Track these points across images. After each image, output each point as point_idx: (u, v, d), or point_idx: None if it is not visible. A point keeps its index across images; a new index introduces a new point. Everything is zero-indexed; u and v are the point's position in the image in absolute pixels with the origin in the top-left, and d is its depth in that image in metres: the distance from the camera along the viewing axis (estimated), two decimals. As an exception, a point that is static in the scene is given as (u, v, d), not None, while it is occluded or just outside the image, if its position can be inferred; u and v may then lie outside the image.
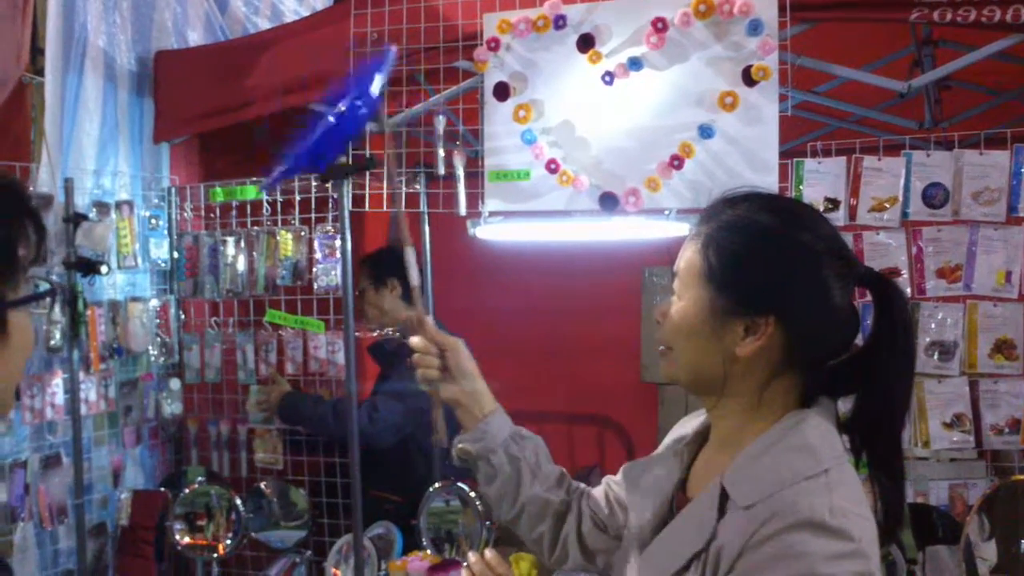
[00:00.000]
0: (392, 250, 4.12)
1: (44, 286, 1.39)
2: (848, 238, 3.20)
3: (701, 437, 1.72)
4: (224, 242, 4.20)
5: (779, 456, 1.49)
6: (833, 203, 3.23)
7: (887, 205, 3.20)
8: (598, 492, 1.96)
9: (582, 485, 2.00)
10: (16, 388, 3.50)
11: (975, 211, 3.12)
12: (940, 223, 3.18)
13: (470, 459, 1.92)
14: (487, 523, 3.55)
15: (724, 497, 1.51)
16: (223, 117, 4.23)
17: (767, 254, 1.54)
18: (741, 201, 1.60)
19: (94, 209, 3.94)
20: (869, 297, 1.61)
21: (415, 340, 1.95)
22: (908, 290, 3.20)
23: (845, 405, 1.60)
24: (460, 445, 1.93)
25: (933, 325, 3.18)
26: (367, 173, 3.71)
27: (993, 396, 3.16)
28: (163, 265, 4.35)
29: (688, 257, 1.61)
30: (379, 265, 4.15)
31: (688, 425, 1.79)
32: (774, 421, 1.55)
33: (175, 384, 4.35)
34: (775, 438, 1.52)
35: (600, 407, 5.54)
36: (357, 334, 3.68)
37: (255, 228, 4.16)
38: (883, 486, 1.54)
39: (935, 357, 3.17)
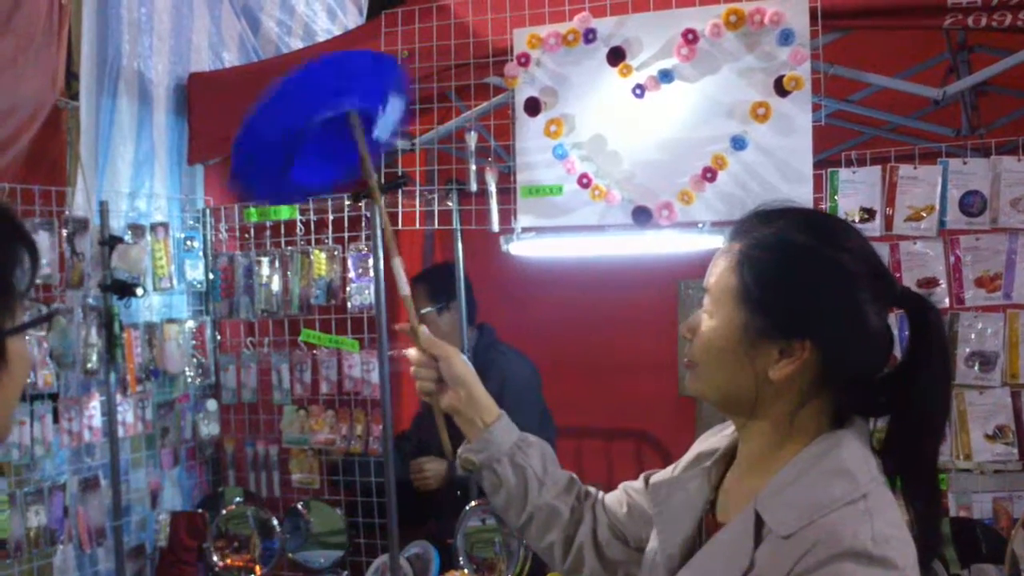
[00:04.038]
0: (446, 268, 4.12)
1: (43, 310, 1.38)
2: (884, 248, 3.16)
3: (729, 456, 1.68)
4: (259, 262, 4.20)
5: (816, 481, 1.46)
6: (869, 213, 3.19)
7: (924, 214, 3.15)
8: (615, 498, 1.93)
9: (593, 490, 1.97)
10: (54, 409, 3.52)
11: (1014, 219, 3.07)
12: (978, 231, 3.12)
13: (474, 469, 1.91)
14: (523, 542, 3.52)
15: (759, 524, 1.47)
16: (256, 138, 4.24)
17: (806, 277, 1.50)
18: (777, 217, 1.56)
19: (129, 231, 3.96)
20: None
21: (411, 353, 1.96)
22: (947, 300, 3.14)
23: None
24: (464, 455, 1.91)
25: (973, 335, 3.12)
26: (399, 191, 3.70)
27: (1037, 407, 3.11)
28: (199, 286, 4.36)
29: (721, 274, 1.57)
30: (439, 286, 4.16)
31: (712, 440, 1.76)
32: (806, 443, 1.51)
33: (212, 405, 4.35)
34: (810, 462, 1.48)
35: (638, 422, 5.51)
36: (391, 353, 3.68)
37: (289, 248, 4.16)
38: (918, 512, 1.50)
39: (975, 368, 3.11)
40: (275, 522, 4.02)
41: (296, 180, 2.09)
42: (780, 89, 3.16)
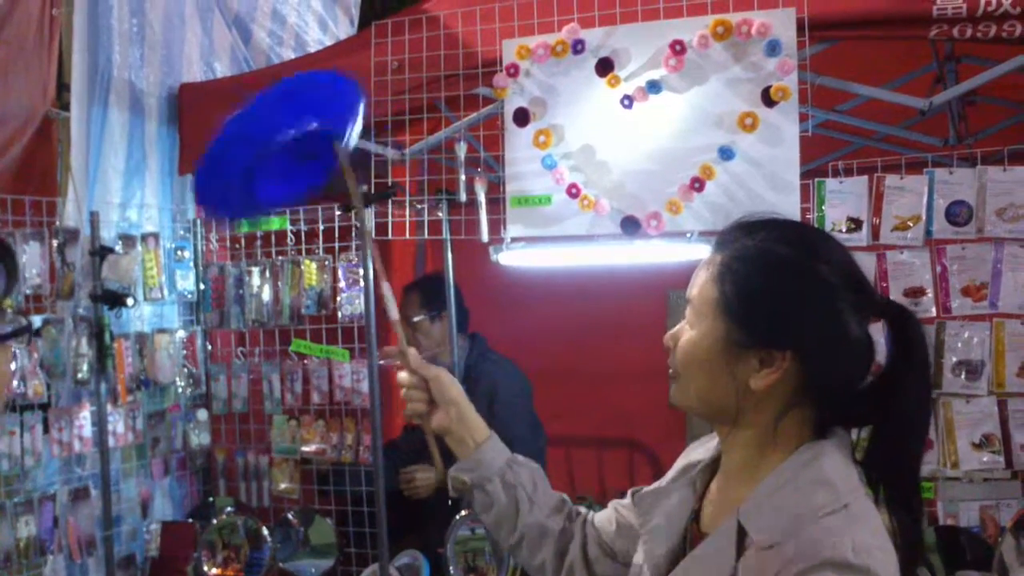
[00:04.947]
0: (439, 278, 4.14)
1: (22, 322, 1.38)
2: (871, 258, 3.17)
3: (714, 466, 1.69)
4: (249, 272, 4.21)
5: (797, 491, 1.46)
6: (856, 223, 3.20)
7: (910, 224, 3.16)
8: (605, 516, 1.94)
9: (583, 509, 1.98)
10: (45, 419, 3.52)
11: (1000, 228, 3.08)
12: (964, 241, 3.14)
13: (465, 489, 1.92)
14: (514, 552, 3.53)
15: (742, 534, 1.48)
16: (247, 148, 4.24)
17: (785, 288, 1.51)
18: (758, 229, 1.56)
19: (120, 242, 3.97)
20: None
21: (401, 376, 1.96)
22: (933, 309, 3.16)
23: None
24: (455, 475, 1.92)
25: (959, 344, 3.14)
26: (389, 201, 3.71)
27: (1022, 415, 3.11)
28: (189, 296, 4.37)
29: (702, 285, 1.58)
30: (432, 294, 4.17)
31: (698, 451, 1.76)
32: (789, 453, 1.52)
33: (202, 415, 4.36)
34: (792, 472, 1.49)
35: (628, 431, 5.51)
36: (382, 362, 3.69)
37: (280, 258, 4.17)
38: (902, 522, 1.50)
39: (962, 377, 3.13)
40: (266, 532, 4.02)
41: (260, 195, 2.12)
42: (767, 99, 3.17)
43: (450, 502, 3.89)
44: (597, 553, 1.89)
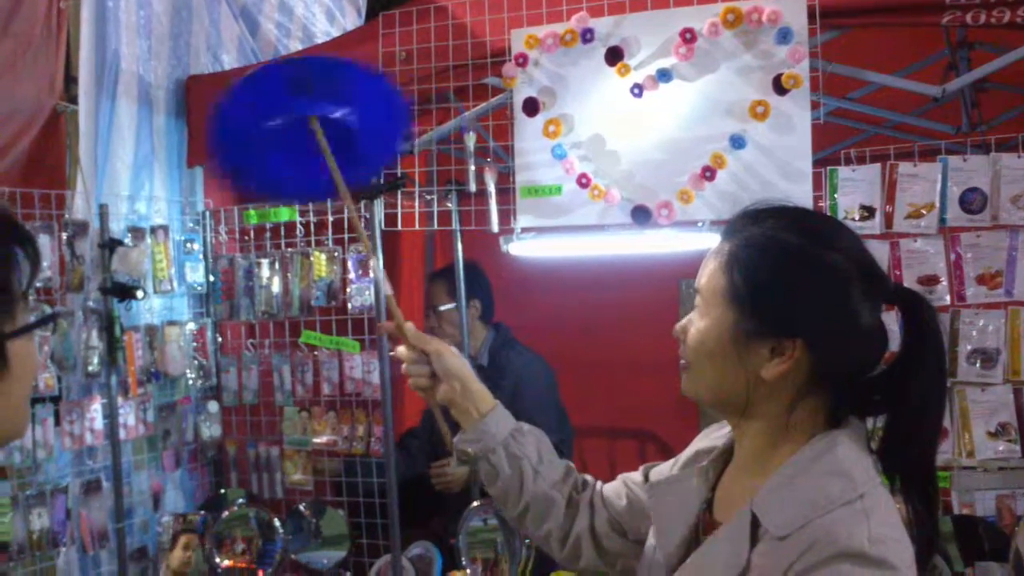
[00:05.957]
0: (470, 267, 4.11)
1: (47, 311, 1.39)
2: (885, 246, 3.15)
3: (726, 455, 1.68)
4: (259, 264, 4.21)
5: (812, 481, 1.45)
6: (869, 211, 3.18)
7: (924, 211, 3.14)
8: (614, 490, 1.92)
9: (590, 479, 1.97)
10: (56, 412, 3.53)
11: (1014, 215, 3.06)
12: (979, 228, 3.12)
13: (470, 459, 1.91)
14: (526, 541, 3.52)
15: (755, 524, 1.46)
16: (255, 139, 4.24)
17: (795, 277, 1.49)
18: (766, 217, 1.55)
19: (129, 234, 3.96)
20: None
21: (400, 350, 1.96)
22: (947, 297, 3.14)
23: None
24: (460, 446, 1.92)
25: (974, 332, 3.11)
26: (399, 192, 3.70)
27: (1039, 404, 3.10)
28: (199, 288, 4.36)
29: (711, 274, 1.57)
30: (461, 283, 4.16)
31: (710, 439, 1.76)
32: (802, 443, 1.50)
33: (213, 407, 4.36)
34: (806, 462, 1.47)
35: (641, 421, 5.50)
36: (392, 353, 3.68)
37: (289, 249, 4.17)
38: (916, 511, 1.49)
39: (977, 365, 3.10)
40: (277, 523, 4.02)
41: (275, 174, 2.13)
42: (779, 87, 3.15)
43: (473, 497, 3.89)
44: (606, 529, 1.88)
